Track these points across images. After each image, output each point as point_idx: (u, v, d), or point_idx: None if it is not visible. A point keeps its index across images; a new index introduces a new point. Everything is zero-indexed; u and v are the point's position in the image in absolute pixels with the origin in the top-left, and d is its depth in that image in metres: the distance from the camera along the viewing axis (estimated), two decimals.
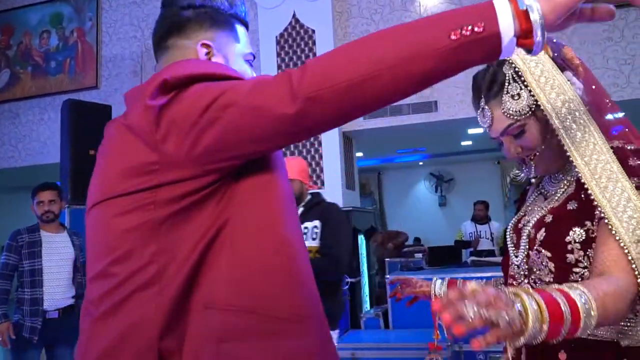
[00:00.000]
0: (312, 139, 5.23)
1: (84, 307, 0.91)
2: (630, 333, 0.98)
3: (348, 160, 5.55)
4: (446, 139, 7.03)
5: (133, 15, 6.26)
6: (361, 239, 5.47)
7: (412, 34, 0.76)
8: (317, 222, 2.59)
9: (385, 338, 3.90)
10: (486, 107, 1.10)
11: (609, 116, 1.15)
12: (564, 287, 0.83)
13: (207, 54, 0.99)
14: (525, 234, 1.10)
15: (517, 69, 1.06)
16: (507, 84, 1.07)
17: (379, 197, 10.23)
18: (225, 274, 0.83)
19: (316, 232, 2.56)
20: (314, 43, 5.34)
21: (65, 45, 6.54)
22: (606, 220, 0.96)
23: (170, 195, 0.82)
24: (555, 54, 1.09)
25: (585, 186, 1.00)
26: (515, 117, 1.06)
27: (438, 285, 1.40)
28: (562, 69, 1.08)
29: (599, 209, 0.98)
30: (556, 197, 1.10)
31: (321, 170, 5.19)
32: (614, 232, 0.94)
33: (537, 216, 1.10)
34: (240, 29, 1.07)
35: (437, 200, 9.99)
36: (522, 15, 0.74)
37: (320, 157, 5.19)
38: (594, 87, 1.14)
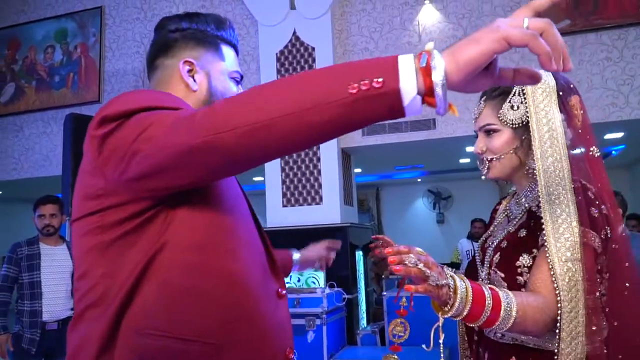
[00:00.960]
0: (310, 155, 5.29)
1: None
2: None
3: (346, 177, 5.59)
4: (444, 156, 7.08)
5: (136, 32, 6.36)
6: (359, 255, 5.49)
7: (313, 84, 0.74)
8: None
9: (381, 355, 3.91)
10: (482, 103, 1.27)
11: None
12: (496, 287, 1.01)
13: (190, 70, 1.06)
14: (488, 255, 1.25)
15: (523, 87, 1.20)
16: (512, 94, 1.22)
17: (377, 213, 10.25)
18: (152, 299, 0.87)
19: None
20: (313, 60, 5.42)
21: (69, 60, 6.64)
22: (545, 238, 1.09)
23: (113, 219, 0.88)
24: (561, 93, 1.19)
25: (538, 213, 1.15)
26: (504, 122, 1.21)
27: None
28: (560, 110, 1.18)
29: (541, 234, 1.11)
30: (514, 222, 1.24)
31: (319, 186, 5.23)
32: (547, 247, 1.08)
33: (497, 239, 1.25)
34: (226, 49, 1.12)
35: (435, 217, 10.02)
36: (426, 73, 0.72)
37: (319, 172, 5.24)
38: (588, 137, 1.22)
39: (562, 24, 4.97)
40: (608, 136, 6.01)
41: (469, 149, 6.29)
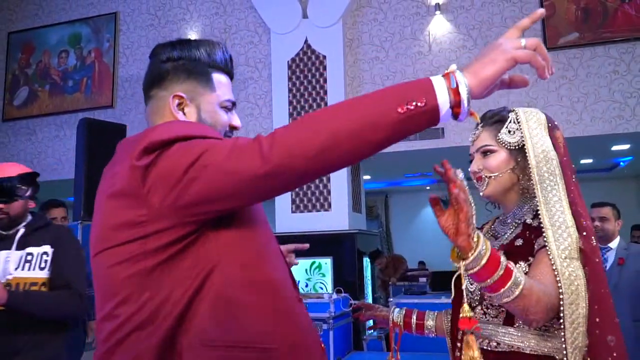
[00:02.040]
0: None
1: (97, 347, 1.02)
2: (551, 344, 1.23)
3: (355, 183, 5.64)
4: (454, 164, 7.09)
5: (150, 38, 6.45)
6: (366, 261, 5.53)
7: (366, 108, 0.88)
8: (47, 248, 2.13)
9: None
10: (480, 128, 1.41)
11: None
12: (516, 272, 1.08)
13: (180, 104, 1.09)
14: None
15: (517, 117, 1.37)
16: (508, 122, 1.37)
17: (386, 220, 10.28)
18: (209, 313, 0.93)
19: (46, 260, 2.11)
20: (324, 68, 5.49)
21: (82, 65, 6.74)
22: (545, 238, 1.22)
23: (157, 245, 0.93)
24: (550, 125, 1.37)
25: (533, 224, 1.30)
26: (502, 144, 1.36)
27: (396, 313, 1.62)
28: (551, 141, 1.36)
29: (538, 240, 1.25)
30: (505, 236, 1.37)
31: (328, 193, 5.28)
32: (548, 247, 1.20)
33: None
34: (218, 77, 1.14)
35: None
36: (454, 90, 0.88)
37: (328, 179, 5.29)
38: (569, 165, 1.36)
39: (570, 37, 5.02)
40: (615, 148, 6.03)
41: None
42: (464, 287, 1.07)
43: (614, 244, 3.00)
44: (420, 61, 5.39)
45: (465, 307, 1.04)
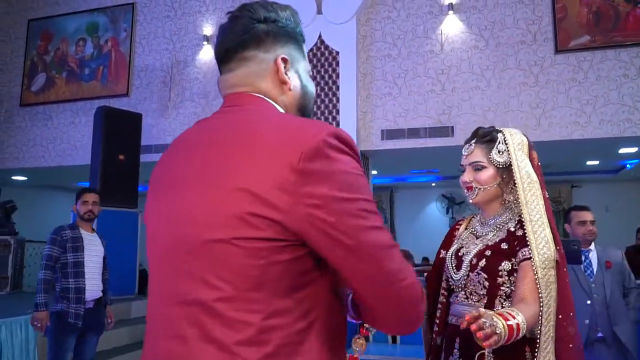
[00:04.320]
0: None
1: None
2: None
3: None
4: (460, 162, 7.19)
5: (166, 29, 6.56)
6: None
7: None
8: None
9: (392, 352, 4.08)
10: (473, 145, 1.65)
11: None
12: (514, 313, 1.34)
13: (285, 67, 1.02)
14: (467, 261, 1.60)
15: (505, 138, 1.62)
16: (498, 143, 1.62)
17: (391, 215, 10.39)
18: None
19: None
20: (337, 64, 5.58)
21: (99, 54, 6.86)
22: (530, 251, 1.49)
23: None
24: (529, 147, 1.64)
25: (517, 233, 1.56)
26: (492, 162, 1.60)
27: None
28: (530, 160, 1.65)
29: (522, 250, 1.51)
30: (488, 237, 1.63)
31: None
32: (532, 259, 1.48)
33: (475, 250, 1.62)
34: (304, 45, 1.10)
35: (448, 222, 10.11)
36: None
37: None
38: (542, 182, 1.62)
39: (581, 39, 5.08)
40: (622, 150, 6.09)
41: None
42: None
43: (592, 245, 3.09)
44: (432, 60, 5.47)
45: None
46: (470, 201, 1.66)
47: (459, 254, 1.66)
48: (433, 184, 9.93)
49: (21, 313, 4.38)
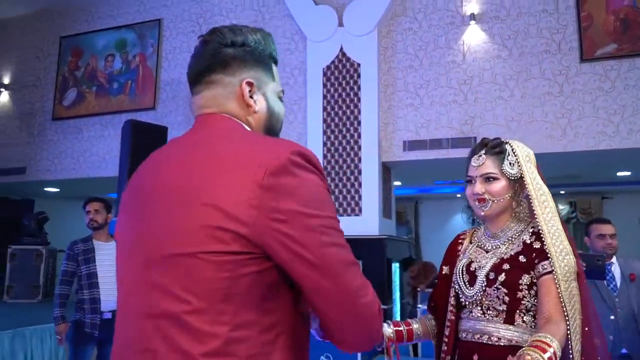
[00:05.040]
0: (352, 167, 5.46)
1: None
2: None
3: (386, 190, 5.73)
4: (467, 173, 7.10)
5: (191, 43, 6.70)
6: (395, 267, 5.60)
7: None
8: None
9: None
10: (484, 156, 1.62)
11: None
12: (548, 340, 1.34)
13: (250, 91, 1.05)
14: (482, 276, 1.58)
15: (514, 150, 1.61)
16: (507, 154, 1.61)
17: (415, 226, 10.30)
18: None
19: None
20: (358, 76, 5.60)
21: (127, 69, 7.05)
22: (551, 264, 1.47)
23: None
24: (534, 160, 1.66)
25: (534, 246, 1.54)
26: (504, 174, 1.59)
27: (387, 330, 1.70)
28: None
29: (542, 264, 1.50)
30: (501, 250, 1.61)
31: (359, 198, 5.39)
32: (554, 272, 1.46)
33: (489, 264, 1.59)
34: (274, 67, 1.12)
35: None
36: None
37: (360, 185, 5.40)
38: None
39: (608, 48, 4.99)
40: None
41: None
42: None
43: (614, 258, 3.01)
44: (454, 70, 5.44)
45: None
46: (482, 214, 1.62)
47: (470, 268, 1.63)
48: (458, 195, 9.80)
49: (51, 321, 4.52)
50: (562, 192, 9.17)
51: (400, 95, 5.59)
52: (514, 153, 1.60)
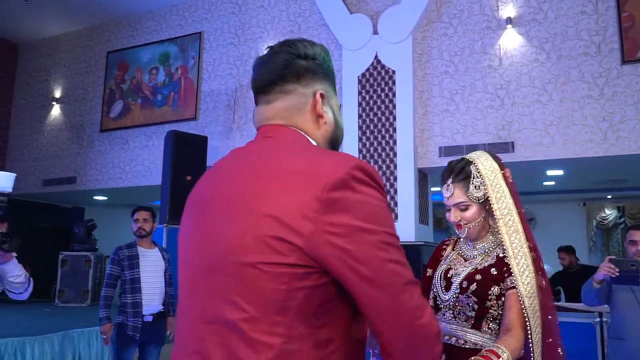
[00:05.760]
0: (387, 174, 5.48)
1: None
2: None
3: (422, 196, 5.72)
4: (526, 178, 6.98)
5: (230, 55, 6.90)
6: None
7: None
8: None
9: None
10: (452, 185, 1.69)
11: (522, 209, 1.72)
12: (500, 352, 1.45)
13: (322, 102, 1.06)
14: (457, 283, 1.68)
15: (479, 170, 1.65)
16: (472, 177, 1.66)
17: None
18: None
19: None
20: (393, 83, 5.63)
21: (170, 81, 7.31)
22: (514, 282, 1.57)
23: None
24: (500, 168, 1.69)
25: (506, 260, 1.63)
26: (471, 199, 1.65)
27: None
28: (505, 181, 1.69)
29: (510, 278, 1.59)
30: (477, 261, 1.71)
31: (395, 205, 5.40)
32: (518, 288, 1.56)
33: (464, 272, 1.70)
34: (335, 83, 1.15)
35: None
36: None
37: (395, 191, 5.42)
38: (518, 199, 1.70)
39: None
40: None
41: (550, 172, 6.19)
42: None
43: None
44: (490, 75, 5.40)
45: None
46: (462, 237, 1.75)
47: (448, 275, 1.74)
48: None
49: (98, 324, 4.73)
50: (609, 196, 8.88)
51: (436, 101, 5.58)
52: (478, 174, 1.66)
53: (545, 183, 7.61)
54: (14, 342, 4.13)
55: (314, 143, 1.05)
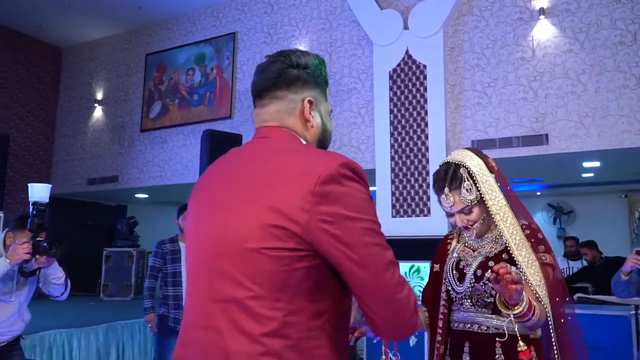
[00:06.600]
0: (419, 168, 5.51)
1: None
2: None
3: None
4: (564, 170, 6.87)
5: (263, 54, 7.02)
6: None
7: None
8: None
9: None
10: (450, 194, 1.75)
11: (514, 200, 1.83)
12: (532, 300, 1.58)
13: (309, 108, 1.20)
14: (471, 273, 1.76)
15: (470, 172, 1.73)
16: (463, 181, 1.73)
17: None
18: None
19: None
20: (424, 77, 5.64)
21: (206, 81, 7.51)
22: (523, 272, 1.65)
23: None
24: (485, 161, 1.78)
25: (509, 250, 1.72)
26: (468, 203, 1.73)
27: None
28: (490, 171, 1.79)
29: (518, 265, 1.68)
30: (486, 250, 1.80)
31: (428, 199, 5.43)
32: (528, 280, 1.64)
33: (476, 262, 1.78)
34: (326, 90, 1.28)
35: (556, 232, 9.59)
36: None
37: (428, 186, 5.44)
38: (507, 185, 1.82)
39: None
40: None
41: (586, 164, 6.09)
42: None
43: None
44: (523, 67, 5.35)
45: (521, 342, 1.55)
46: (472, 237, 1.82)
47: (459, 266, 1.81)
48: (538, 193, 9.48)
49: (141, 316, 4.96)
50: None
51: (468, 95, 5.57)
52: (469, 175, 1.73)
53: (584, 175, 7.46)
54: (62, 334, 4.38)
55: (304, 142, 1.19)
